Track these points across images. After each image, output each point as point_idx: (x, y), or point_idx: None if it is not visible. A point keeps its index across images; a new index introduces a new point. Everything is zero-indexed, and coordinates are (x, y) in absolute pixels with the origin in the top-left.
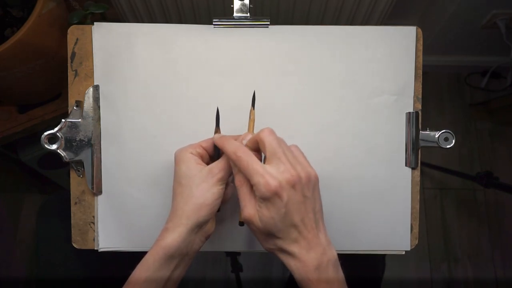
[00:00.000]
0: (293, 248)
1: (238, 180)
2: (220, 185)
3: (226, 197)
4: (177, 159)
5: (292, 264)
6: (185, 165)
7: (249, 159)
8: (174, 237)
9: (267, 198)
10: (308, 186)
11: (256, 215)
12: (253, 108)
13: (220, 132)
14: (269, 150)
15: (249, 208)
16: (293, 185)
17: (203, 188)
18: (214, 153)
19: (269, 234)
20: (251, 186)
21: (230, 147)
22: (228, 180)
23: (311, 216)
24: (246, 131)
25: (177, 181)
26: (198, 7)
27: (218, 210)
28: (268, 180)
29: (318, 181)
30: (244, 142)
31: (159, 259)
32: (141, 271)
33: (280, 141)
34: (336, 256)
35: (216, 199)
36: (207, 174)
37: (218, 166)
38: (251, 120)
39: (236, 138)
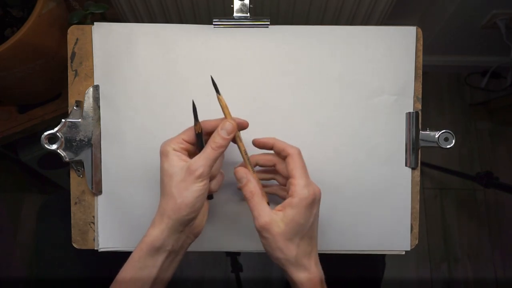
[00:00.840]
0: (305, 260)
1: (249, 191)
2: (200, 181)
3: (215, 187)
4: (161, 154)
5: (302, 276)
6: (167, 162)
7: (301, 161)
8: (157, 233)
9: (305, 204)
10: (319, 204)
11: (272, 222)
12: (219, 94)
13: (200, 126)
14: (300, 166)
15: (264, 216)
16: (319, 199)
17: (181, 187)
18: (197, 143)
19: (290, 240)
20: (262, 196)
21: (285, 145)
22: (214, 172)
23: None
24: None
25: (160, 178)
26: (198, 7)
27: (211, 198)
28: (312, 188)
29: None
30: (222, 132)
31: (144, 255)
32: (127, 269)
33: None
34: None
35: (197, 197)
36: (185, 172)
37: (197, 162)
38: (224, 106)
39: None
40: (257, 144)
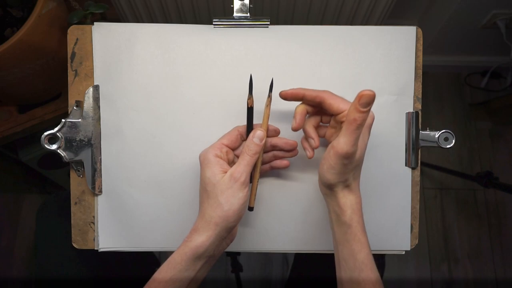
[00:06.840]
0: (354, 183)
1: (353, 118)
2: (244, 188)
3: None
4: (202, 163)
5: (350, 198)
6: (209, 170)
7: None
8: (203, 239)
9: (367, 126)
10: None
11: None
12: (270, 94)
13: (252, 99)
14: (342, 99)
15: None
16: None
17: (228, 195)
18: (248, 117)
19: (355, 165)
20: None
21: (316, 92)
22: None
23: None
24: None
25: (202, 186)
26: (198, 7)
27: (251, 210)
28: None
29: None
30: (255, 139)
31: (187, 259)
32: (167, 270)
33: None
34: None
35: (242, 204)
36: (229, 180)
37: (238, 170)
38: (267, 107)
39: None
40: (287, 95)
